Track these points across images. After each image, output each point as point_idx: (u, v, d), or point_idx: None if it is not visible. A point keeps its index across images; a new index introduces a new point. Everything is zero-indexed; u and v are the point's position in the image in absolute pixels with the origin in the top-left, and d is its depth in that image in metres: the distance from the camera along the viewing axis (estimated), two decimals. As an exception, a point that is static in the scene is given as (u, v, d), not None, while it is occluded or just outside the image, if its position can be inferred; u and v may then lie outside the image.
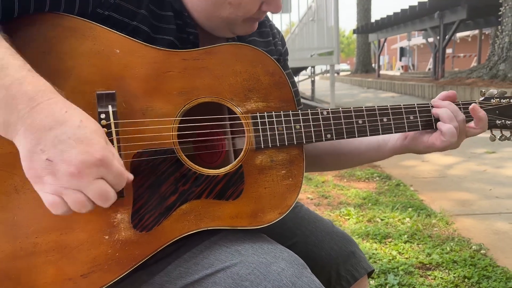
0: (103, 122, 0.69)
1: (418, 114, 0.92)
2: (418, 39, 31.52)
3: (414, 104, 0.93)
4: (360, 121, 0.89)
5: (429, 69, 22.51)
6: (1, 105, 0.59)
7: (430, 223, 2.74)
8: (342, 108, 0.89)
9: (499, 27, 9.98)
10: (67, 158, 0.58)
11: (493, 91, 1.00)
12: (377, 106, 0.90)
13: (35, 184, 0.60)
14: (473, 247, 2.38)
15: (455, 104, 0.93)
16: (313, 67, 10.24)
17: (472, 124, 0.93)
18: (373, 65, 25.04)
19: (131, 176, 0.66)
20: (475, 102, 0.98)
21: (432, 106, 0.93)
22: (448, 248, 2.36)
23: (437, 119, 0.91)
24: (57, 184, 0.59)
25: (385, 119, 0.90)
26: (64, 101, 0.62)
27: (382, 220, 2.83)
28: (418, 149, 0.95)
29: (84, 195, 0.60)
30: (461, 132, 0.90)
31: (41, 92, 0.61)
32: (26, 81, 0.60)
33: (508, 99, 0.98)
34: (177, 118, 0.77)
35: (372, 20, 21.00)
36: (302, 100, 1.10)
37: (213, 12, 0.82)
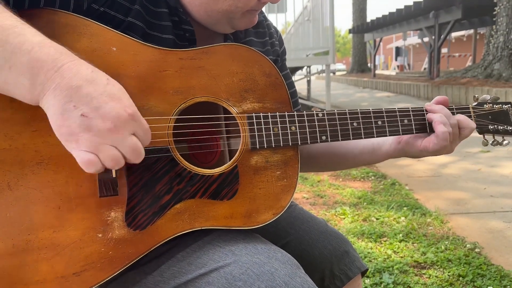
0: None
1: (412, 118, 0.93)
2: (413, 39, 31.62)
3: (409, 108, 0.94)
4: (355, 124, 0.89)
5: (425, 68, 22.60)
6: (26, 69, 0.60)
7: (425, 222, 2.76)
8: (337, 110, 0.89)
9: (494, 26, 10.03)
10: (102, 113, 0.59)
11: (486, 96, 1.01)
12: (372, 109, 0.91)
13: (68, 143, 0.60)
14: (468, 245, 2.39)
15: (449, 109, 0.94)
16: (309, 67, 10.25)
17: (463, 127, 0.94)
18: (368, 64, 25.09)
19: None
20: (469, 107, 0.98)
21: (426, 110, 0.93)
22: (442, 247, 2.37)
23: (431, 123, 0.92)
24: (94, 140, 0.59)
25: (379, 122, 0.91)
26: (87, 62, 0.64)
27: (377, 219, 2.84)
28: (412, 153, 0.96)
29: (119, 151, 0.61)
30: (454, 136, 0.91)
31: (64, 53, 0.62)
32: (46, 45, 0.61)
33: (500, 105, 0.99)
34: (173, 117, 0.77)
35: (368, 20, 21.05)
36: (298, 99, 1.10)
37: (212, 5, 0.81)
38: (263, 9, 0.96)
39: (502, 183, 3.61)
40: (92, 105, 0.59)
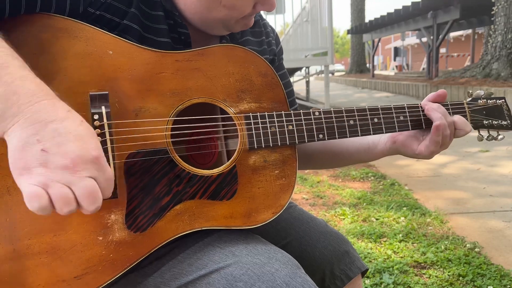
0: (97, 122, 0.69)
1: (408, 114, 0.93)
2: (412, 39, 31.66)
3: (404, 105, 0.94)
4: (351, 121, 0.90)
5: (423, 68, 22.61)
6: (0, 100, 0.58)
7: (424, 222, 2.76)
8: (333, 109, 0.90)
9: (492, 26, 10.05)
10: (63, 150, 0.57)
11: (480, 92, 1.01)
12: (368, 107, 0.92)
13: (20, 176, 0.57)
14: (468, 245, 2.39)
15: (444, 105, 0.94)
16: (308, 67, 10.26)
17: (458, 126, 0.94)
18: (367, 65, 25.12)
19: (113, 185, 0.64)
20: (463, 103, 0.99)
21: (422, 107, 0.94)
22: (442, 247, 2.37)
23: (426, 119, 0.93)
24: (47, 174, 0.56)
25: (375, 119, 0.91)
26: (65, 104, 0.61)
27: (377, 219, 2.85)
28: (407, 154, 0.97)
29: (72, 192, 0.57)
30: (450, 135, 0.92)
31: (44, 91, 0.60)
32: (28, 79, 0.60)
33: (494, 100, 1.00)
34: (170, 119, 0.77)
35: (366, 20, 21.06)
36: (296, 101, 1.11)
37: (207, 14, 0.82)
38: (262, 11, 0.97)
39: (502, 183, 3.61)
40: (56, 141, 0.57)
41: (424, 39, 14.45)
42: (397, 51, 38.79)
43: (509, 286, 1.96)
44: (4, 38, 0.64)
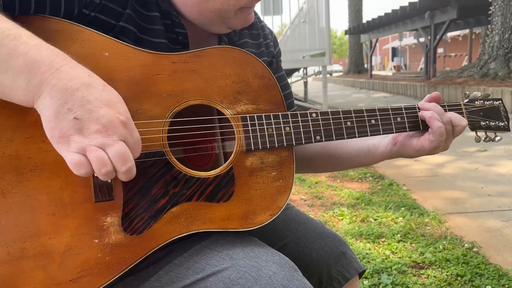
0: None
1: (405, 116, 0.93)
2: (409, 39, 31.71)
3: (401, 106, 0.94)
4: (348, 123, 0.90)
5: (421, 69, 22.66)
6: (22, 70, 0.60)
7: (423, 222, 2.76)
8: (330, 110, 0.89)
9: (489, 26, 10.08)
10: (95, 116, 0.60)
11: (477, 93, 1.02)
12: (365, 108, 0.91)
13: (60, 144, 0.60)
14: (466, 245, 2.39)
15: (441, 106, 0.94)
16: (306, 68, 10.26)
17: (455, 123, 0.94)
18: (365, 65, 25.14)
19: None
20: (460, 104, 0.99)
21: (419, 109, 0.94)
22: (441, 247, 2.37)
23: (424, 121, 0.93)
24: (83, 141, 0.59)
25: (373, 121, 0.91)
26: (83, 66, 0.64)
27: (375, 220, 2.85)
28: (408, 154, 0.96)
29: (106, 154, 0.60)
30: (448, 133, 0.91)
31: (61, 56, 0.62)
32: (43, 47, 0.62)
33: (491, 101, 1.00)
34: (167, 120, 0.77)
35: (364, 21, 21.10)
36: (295, 102, 1.11)
37: (204, 5, 0.81)
38: (258, 10, 0.96)
39: (500, 182, 3.62)
40: (86, 108, 0.60)
41: (422, 39, 14.48)
42: (394, 52, 38.86)
43: (507, 285, 1.96)
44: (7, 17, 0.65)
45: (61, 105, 0.59)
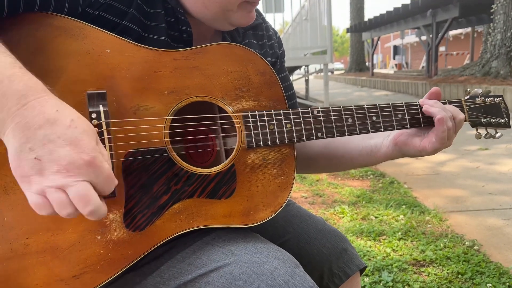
0: (94, 121, 0.69)
1: (406, 113, 0.93)
2: (411, 38, 31.66)
3: (402, 103, 0.94)
4: (350, 120, 0.90)
5: (423, 67, 22.62)
6: None
7: (423, 220, 2.76)
8: (332, 107, 0.89)
9: (491, 24, 10.05)
10: (55, 157, 0.57)
11: (478, 90, 1.02)
12: (366, 105, 0.91)
13: (22, 184, 0.59)
14: (467, 243, 2.40)
15: (442, 103, 0.95)
16: (307, 66, 10.25)
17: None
18: (366, 63, 25.10)
19: (116, 181, 0.64)
20: (461, 101, 0.99)
21: (420, 105, 0.94)
22: (441, 245, 2.38)
23: (425, 117, 0.93)
24: (43, 182, 0.57)
25: (374, 118, 0.91)
26: (56, 100, 0.61)
27: (376, 217, 2.85)
28: (410, 154, 0.96)
29: (66, 196, 0.58)
30: (452, 129, 0.91)
31: (32, 90, 0.59)
32: (16, 79, 0.59)
33: (492, 98, 1.00)
34: (168, 117, 0.77)
35: (366, 18, 21.06)
36: (297, 101, 1.10)
37: None
38: (261, 10, 0.96)
39: (501, 181, 3.61)
40: (47, 148, 0.57)
41: (424, 38, 14.45)
42: (396, 50, 38.80)
43: (508, 283, 1.96)
44: None
45: (23, 144, 0.57)
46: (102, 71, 0.73)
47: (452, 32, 25.04)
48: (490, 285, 1.95)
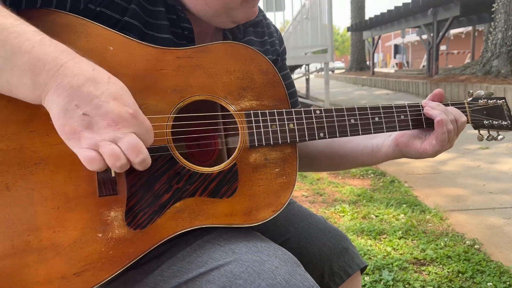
0: None
1: (408, 114, 0.93)
2: (412, 36, 31.61)
3: (405, 104, 0.94)
4: (352, 120, 0.90)
5: (423, 66, 22.60)
6: (27, 68, 0.60)
7: (424, 219, 2.76)
8: (334, 107, 0.89)
9: (492, 23, 10.03)
10: (103, 111, 0.60)
11: (480, 92, 1.01)
12: (369, 106, 0.91)
13: (71, 141, 0.61)
14: (467, 242, 2.40)
15: (445, 104, 0.95)
16: (308, 65, 10.24)
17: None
18: (367, 62, 25.08)
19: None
20: (464, 103, 0.99)
21: (423, 107, 0.94)
22: (442, 244, 2.38)
23: (427, 118, 0.93)
24: (94, 137, 0.60)
25: (376, 118, 0.91)
26: (87, 60, 0.64)
27: (376, 216, 2.85)
28: (410, 155, 0.97)
29: (119, 147, 0.61)
30: (453, 132, 0.91)
31: (64, 51, 0.62)
32: (46, 43, 0.62)
33: (494, 100, 1.00)
34: (171, 116, 0.77)
35: (366, 17, 21.03)
36: (298, 99, 1.10)
37: None
38: (262, 7, 0.96)
39: (501, 180, 3.61)
40: (94, 104, 0.60)
41: (424, 37, 14.43)
42: (397, 49, 38.76)
43: (508, 282, 1.97)
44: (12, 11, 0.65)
45: (68, 103, 0.59)
46: (105, 68, 0.72)
47: (453, 31, 25.00)
48: (491, 284, 1.95)
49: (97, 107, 0.60)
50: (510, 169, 3.90)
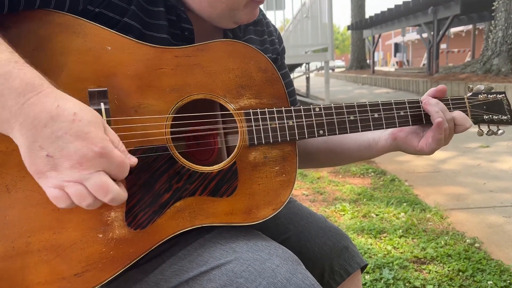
0: None
1: (408, 110, 0.93)
2: (412, 35, 31.58)
3: (405, 100, 0.94)
4: (351, 117, 0.90)
5: (424, 64, 22.58)
6: None
7: (424, 217, 2.76)
8: (334, 104, 0.89)
9: (493, 22, 10.02)
10: (66, 153, 0.58)
11: (480, 86, 1.01)
12: (368, 102, 0.91)
13: (38, 179, 0.60)
14: (467, 240, 2.40)
15: (445, 100, 0.94)
16: (308, 63, 10.24)
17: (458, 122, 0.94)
18: (367, 61, 25.06)
19: (134, 159, 0.65)
20: (463, 98, 0.99)
21: (422, 102, 0.94)
22: (442, 242, 2.38)
23: (427, 114, 0.93)
24: (59, 177, 0.58)
25: (376, 115, 0.91)
26: (55, 93, 0.60)
27: (377, 215, 2.85)
28: (407, 151, 0.97)
29: (85, 187, 0.59)
30: (450, 131, 0.92)
31: (29, 86, 0.59)
32: (12, 76, 0.58)
33: (494, 95, 1.00)
34: (170, 115, 0.77)
35: (367, 16, 21.01)
36: (297, 98, 1.11)
37: None
38: (262, 6, 0.96)
39: (502, 178, 3.61)
40: (56, 145, 0.57)
41: (425, 35, 14.41)
42: (397, 47, 38.73)
43: (509, 281, 1.97)
44: None
45: (32, 143, 0.57)
46: (103, 68, 0.73)
47: (453, 30, 24.98)
48: (491, 282, 1.95)
49: (60, 148, 0.57)
50: (510, 168, 3.89)
